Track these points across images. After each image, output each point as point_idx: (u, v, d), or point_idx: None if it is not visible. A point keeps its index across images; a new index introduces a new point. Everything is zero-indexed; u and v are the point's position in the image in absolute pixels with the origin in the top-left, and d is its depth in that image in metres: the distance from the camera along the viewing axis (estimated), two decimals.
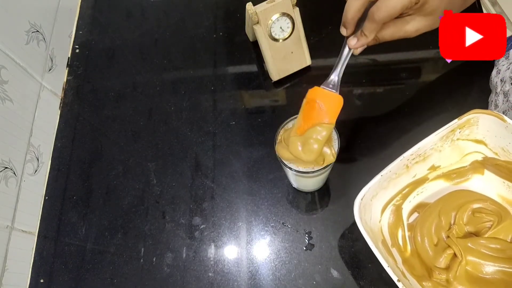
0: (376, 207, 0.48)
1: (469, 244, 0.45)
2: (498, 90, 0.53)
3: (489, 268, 0.44)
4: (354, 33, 0.43)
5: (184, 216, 0.56)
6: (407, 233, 0.49)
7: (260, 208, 0.55)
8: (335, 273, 0.50)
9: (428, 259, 0.46)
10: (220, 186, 0.57)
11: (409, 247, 0.48)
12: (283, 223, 0.54)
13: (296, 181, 0.52)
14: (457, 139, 0.49)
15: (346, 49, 0.44)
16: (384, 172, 0.45)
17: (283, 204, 0.55)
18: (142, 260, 0.54)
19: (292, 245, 0.52)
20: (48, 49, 0.67)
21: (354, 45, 0.43)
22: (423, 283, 0.44)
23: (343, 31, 0.43)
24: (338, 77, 0.44)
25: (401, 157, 0.45)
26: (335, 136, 0.45)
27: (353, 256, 0.51)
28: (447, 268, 0.45)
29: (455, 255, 0.45)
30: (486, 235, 0.46)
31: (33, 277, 0.55)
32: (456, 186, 0.51)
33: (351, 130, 0.58)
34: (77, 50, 0.70)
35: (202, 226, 0.55)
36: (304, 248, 0.52)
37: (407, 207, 0.51)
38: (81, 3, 0.75)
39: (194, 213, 0.56)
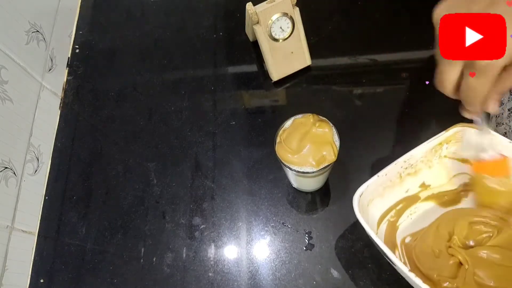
0: (373, 216, 0.48)
1: (472, 252, 0.44)
2: None
3: (496, 275, 0.43)
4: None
5: (184, 216, 0.56)
6: (404, 253, 0.49)
7: (260, 208, 0.55)
8: (335, 273, 0.50)
9: (431, 272, 0.45)
10: (220, 186, 0.57)
11: (408, 265, 0.47)
12: (283, 223, 0.54)
13: (296, 181, 0.52)
14: (444, 155, 0.50)
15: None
16: (381, 173, 0.45)
17: (283, 204, 0.55)
18: (142, 260, 0.54)
19: (292, 245, 0.52)
20: (48, 49, 0.67)
21: (495, 108, 0.39)
22: None
23: (467, 115, 0.40)
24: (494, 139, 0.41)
25: (395, 162, 0.46)
26: (335, 136, 0.45)
27: (353, 256, 0.51)
28: (454, 277, 0.44)
29: (460, 263, 0.44)
30: (487, 244, 0.45)
31: (33, 277, 0.55)
32: (447, 209, 0.51)
33: (351, 130, 0.58)
34: (77, 50, 0.70)
35: (202, 226, 0.55)
36: (304, 248, 0.52)
37: (401, 228, 0.50)
38: (81, 3, 0.75)
39: (194, 213, 0.56)
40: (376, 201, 0.48)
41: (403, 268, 0.40)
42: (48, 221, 0.58)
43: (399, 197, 0.50)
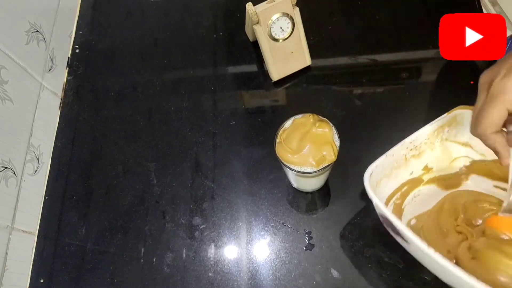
0: (380, 198, 0.48)
1: (480, 229, 0.44)
2: None
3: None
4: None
5: (184, 216, 0.56)
6: None
7: (260, 208, 0.55)
8: (335, 273, 0.50)
9: (442, 250, 0.45)
10: (220, 186, 0.57)
11: None
12: (283, 223, 0.54)
13: (296, 181, 0.52)
14: (446, 139, 0.50)
15: None
16: (389, 153, 0.46)
17: (283, 204, 0.55)
18: (142, 260, 0.54)
19: (292, 245, 0.53)
20: (48, 49, 0.67)
21: None
22: None
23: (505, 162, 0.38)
24: None
25: (401, 142, 0.46)
26: (335, 136, 0.45)
27: (353, 256, 0.51)
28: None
29: (467, 239, 0.44)
30: None
31: (33, 277, 0.55)
32: (449, 191, 0.52)
33: (351, 130, 0.58)
34: (77, 50, 0.70)
35: (202, 226, 0.55)
36: (304, 248, 0.52)
37: (407, 210, 0.51)
38: (81, 3, 0.75)
39: (194, 213, 0.56)
40: (383, 182, 0.48)
41: (421, 245, 0.38)
42: (48, 221, 0.58)
43: (404, 179, 0.51)
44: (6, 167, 0.54)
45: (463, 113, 0.48)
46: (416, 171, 0.51)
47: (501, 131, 0.37)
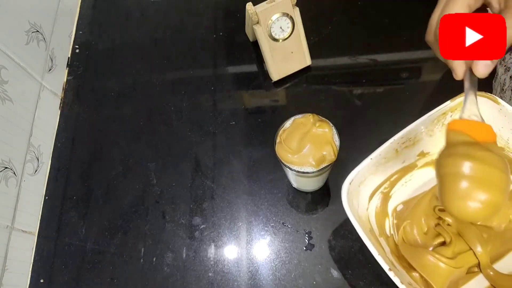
0: (364, 194, 0.48)
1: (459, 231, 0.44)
2: (506, 87, 0.53)
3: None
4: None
5: (184, 216, 0.56)
6: (394, 222, 0.49)
7: (260, 208, 0.55)
8: (335, 273, 0.50)
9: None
10: (220, 186, 0.57)
11: (396, 237, 0.48)
12: (283, 223, 0.54)
13: (296, 181, 0.52)
14: (448, 123, 0.49)
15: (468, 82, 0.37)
16: (374, 155, 0.44)
17: (283, 204, 0.55)
18: (142, 260, 0.54)
19: (292, 245, 0.53)
20: (48, 49, 0.67)
21: (485, 72, 0.35)
22: (413, 273, 0.44)
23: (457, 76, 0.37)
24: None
25: (391, 140, 0.44)
26: (335, 136, 0.45)
27: (353, 256, 0.51)
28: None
29: (444, 243, 0.44)
30: (478, 223, 0.44)
31: (33, 277, 0.55)
32: None
33: (351, 130, 0.58)
34: (77, 50, 0.70)
35: (202, 226, 0.55)
36: (304, 248, 0.52)
37: (394, 197, 0.50)
38: (81, 3, 0.75)
39: (194, 213, 0.56)
40: (368, 179, 0.47)
41: (384, 266, 0.39)
42: (48, 221, 0.58)
43: (394, 169, 0.50)
44: (6, 167, 0.54)
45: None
46: (409, 159, 0.50)
47: None
